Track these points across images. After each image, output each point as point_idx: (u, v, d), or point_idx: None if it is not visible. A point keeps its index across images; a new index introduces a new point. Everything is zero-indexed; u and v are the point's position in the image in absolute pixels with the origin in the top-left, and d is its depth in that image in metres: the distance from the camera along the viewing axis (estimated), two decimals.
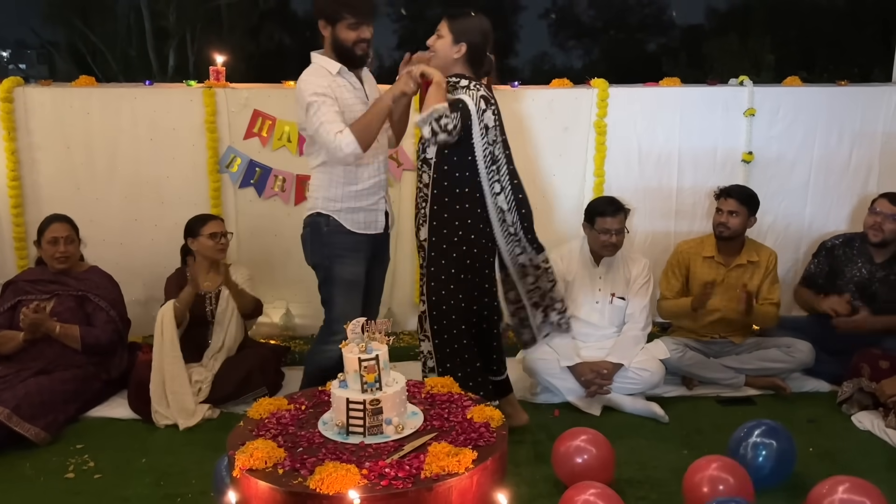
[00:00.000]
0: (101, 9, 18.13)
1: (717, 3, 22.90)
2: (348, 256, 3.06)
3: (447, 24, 3.00)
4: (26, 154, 4.08)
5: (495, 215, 3.03)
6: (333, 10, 2.93)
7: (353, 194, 3.02)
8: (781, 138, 4.44)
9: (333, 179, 3.00)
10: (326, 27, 2.96)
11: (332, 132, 2.83)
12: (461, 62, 3.01)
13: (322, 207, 3.02)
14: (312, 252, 3.09)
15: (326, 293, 3.11)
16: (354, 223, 3.05)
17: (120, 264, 3.96)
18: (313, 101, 2.86)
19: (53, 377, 3.41)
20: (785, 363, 3.73)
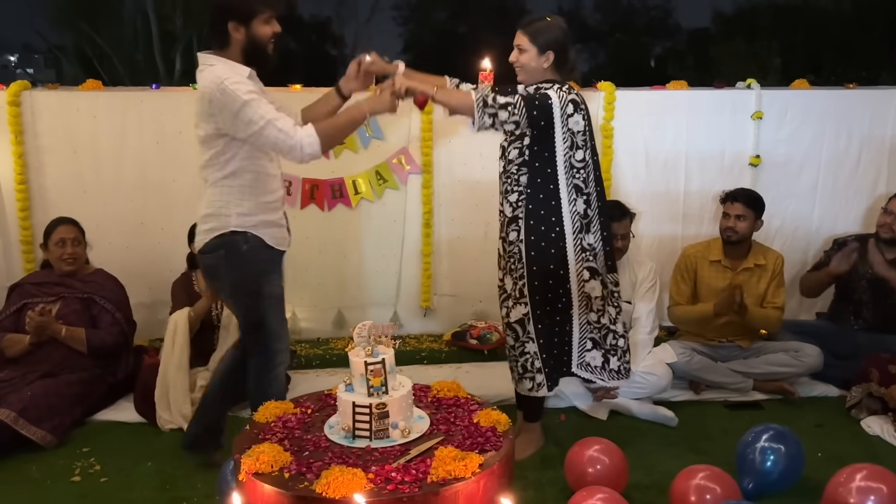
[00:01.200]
0: (108, 13, 18.19)
1: (724, 6, 22.83)
2: (273, 273, 2.80)
3: (527, 37, 2.88)
4: (33, 157, 4.08)
5: (570, 222, 2.91)
6: (247, 6, 2.63)
7: (265, 206, 2.72)
8: (789, 141, 4.42)
9: (244, 191, 2.68)
10: (239, 28, 2.63)
11: (287, 127, 2.57)
12: (551, 70, 2.91)
13: (237, 225, 2.67)
14: (232, 275, 2.72)
15: (256, 316, 2.77)
16: (272, 238, 2.75)
17: (126, 267, 3.96)
18: (250, 99, 2.54)
19: (59, 380, 3.42)
20: (793, 367, 3.71)
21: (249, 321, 2.80)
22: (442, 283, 4.48)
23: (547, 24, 2.91)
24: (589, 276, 2.95)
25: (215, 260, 2.72)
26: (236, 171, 2.67)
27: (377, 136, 4.19)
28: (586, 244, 2.94)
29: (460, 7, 25.61)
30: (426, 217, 4.35)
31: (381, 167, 4.31)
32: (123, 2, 18.91)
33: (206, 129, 2.66)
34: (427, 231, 4.37)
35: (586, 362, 3.07)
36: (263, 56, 2.71)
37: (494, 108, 2.76)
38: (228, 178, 2.68)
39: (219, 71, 2.60)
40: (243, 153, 2.66)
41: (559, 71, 2.93)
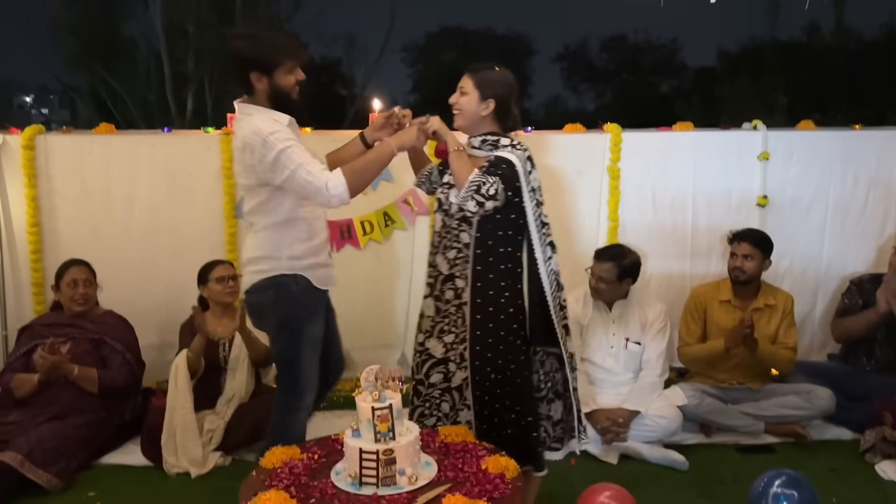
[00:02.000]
0: (122, 55, 18.53)
1: (729, 45, 23.05)
2: (317, 314, 2.86)
3: (472, 80, 2.79)
4: (46, 200, 4.14)
5: (549, 282, 2.77)
6: (269, 57, 2.66)
7: (313, 249, 2.80)
8: (796, 182, 4.43)
9: (294, 236, 2.75)
10: (261, 78, 2.67)
11: (316, 171, 2.59)
12: (489, 119, 2.80)
13: (287, 268, 2.75)
14: (278, 313, 2.80)
15: (292, 355, 2.83)
16: (318, 279, 2.82)
17: (135, 308, 3.98)
18: (286, 146, 2.58)
19: (67, 423, 3.41)
20: (805, 410, 3.67)
21: (285, 360, 2.88)
22: None
23: (494, 74, 2.81)
24: (566, 334, 2.83)
25: (263, 299, 2.80)
26: (286, 218, 2.73)
27: (385, 178, 4.23)
28: (563, 301, 2.84)
29: (468, 48, 25.96)
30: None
31: (389, 208, 4.34)
32: (137, 44, 19.29)
33: (248, 179, 2.72)
34: None
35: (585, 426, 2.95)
36: (289, 103, 2.74)
37: (484, 197, 2.63)
38: (278, 224, 2.74)
39: (258, 122, 2.64)
40: (289, 201, 2.71)
41: (499, 123, 2.82)
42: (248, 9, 18.93)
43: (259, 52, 2.67)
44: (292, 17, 21.39)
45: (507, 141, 2.77)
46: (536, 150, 4.30)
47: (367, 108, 4.31)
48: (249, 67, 2.67)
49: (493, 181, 2.64)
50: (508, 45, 26.02)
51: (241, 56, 2.70)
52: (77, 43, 18.14)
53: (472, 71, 2.82)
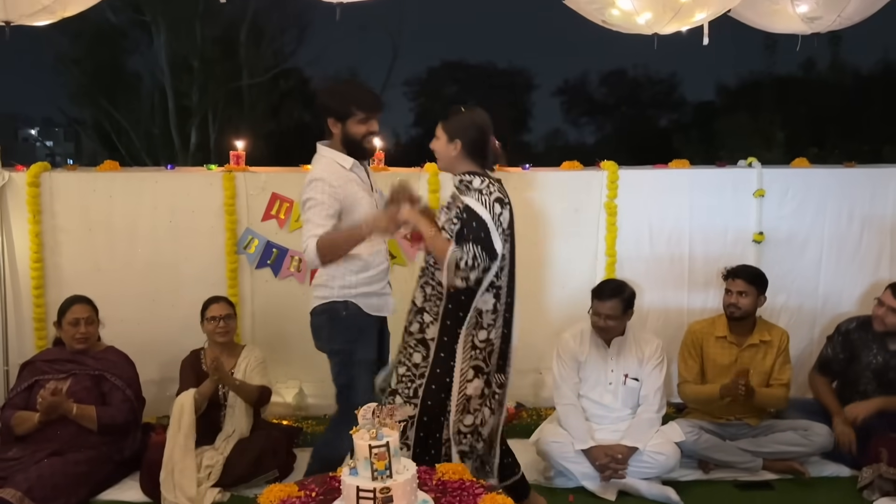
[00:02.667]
0: (127, 89, 18.68)
1: (728, 80, 23.24)
2: (367, 338, 3.12)
3: (441, 126, 2.97)
4: (49, 236, 4.18)
5: (470, 316, 2.85)
6: (344, 107, 3.04)
7: (366, 280, 3.09)
8: (791, 219, 4.48)
9: (347, 268, 3.06)
10: (336, 124, 3.06)
11: (307, 234, 2.94)
12: (462, 158, 2.93)
13: (338, 296, 3.07)
14: (331, 338, 3.11)
15: (347, 377, 3.11)
16: (369, 306, 3.11)
17: (136, 343, 4.00)
18: (314, 199, 2.96)
19: (66, 459, 3.42)
20: (803, 447, 3.68)
21: (340, 381, 3.13)
22: None
23: (458, 115, 2.95)
24: (473, 376, 2.88)
25: (320, 322, 3.13)
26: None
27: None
28: (478, 341, 2.88)
29: (469, 83, 26.22)
30: None
31: (390, 243, 4.37)
32: (142, 78, 19.49)
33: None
34: None
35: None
36: (359, 150, 3.11)
37: (465, 270, 2.72)
38: None
39: (319, 165, 3.07)
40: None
41: (474, 160, 2.94)
42: (253, 44, 19.16)
43: (334, 102, 3.08)
44: (296, 51, 21.65)
45: (478, 183, 2.88)
46: (534, 187, 4.41)
47: None
48: (327, 113, 3.08)
49: (467, 249, 2.73)
50: (509, 80, 26.25)
51: (321, 104, 3.14)
52: (82, 76, 18.31)
53: (441, 119, 3.00)
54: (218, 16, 18.08)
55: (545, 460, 3.68)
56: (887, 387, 3.77)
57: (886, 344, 3.79)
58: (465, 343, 2.88)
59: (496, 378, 2.98)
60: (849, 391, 3.91)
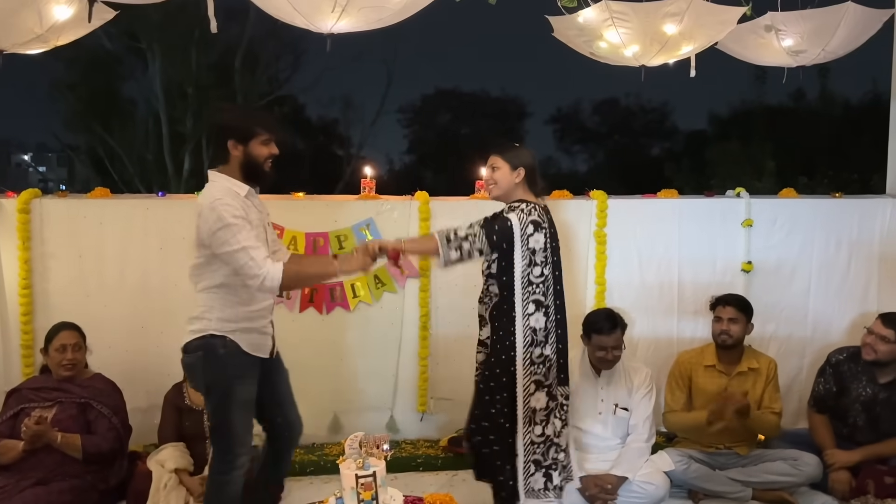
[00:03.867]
0: (121, 115, 18.74)
1: (720, 109, 23.47)
2: (247, 377, 2.94)
3: (500, 157, 3.24)
4: (39, 262, 4.17)
5: (522, 335, 3.10)
6: (246, 128, 2.88)
7: (247, 315, 2.91)
8: (780, 248, 4.51)
9: (229, 300, 2.87)
10: (237, 146, 2.87)
11: (259, 257, 2.74)
12: (522, 186, 3.24)
13: (216, 329, 2.86)
14: (207, 375, 2.91)
15: (222, 417, 2.92)
16: (249, 344, 2.92)
17: (124, 371, 3.98)
18: (233, 223, 2.74)
19: (51, 488, 3.37)
20: (792, 476, 3.67)
21: (216, 420, 2.96)
22: (439, 386, 4.48)
23: (517, 148, 3.29)
24: (535, 389, 3.12)
25: (193, 360, 2.91)
26: (223, 282, 2.86)
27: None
28: (535, 357, 3.11)
29: (463, 110, 26.42)
30: (423, 320, 4.40)
31: (379, 271, 4.38)
32: (136, 105, 19.57)
33: (196, 239, 2.87)
34: (424, 334, 4.41)
35: (531, 487, 3.15)
36: (260, 174, 2.94)
37: (458, 241, 3.05)
38: (215, 287, 2.87)
39: (215, 190, 2.84)
40: (227, 268, 2.82)
41: (530, 188, 3.25)
42: (248, 71, 19.28)
43: (237, 122, 2.91)
44: (290, 78, 21.81)
45: (524, 206, 3.16)
46: None
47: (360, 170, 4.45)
48: (228, 135, 2.88)
49: (465, 229, 3.06)
50: (502, 108, 26.49)
51: (221, 124, 2.96)
52: (77, 102, 18.37)
53: (498, 149, 3.26)
54: (213, 43, 18.22)
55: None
56: (875, 420, 3.77)
57: (875, 376, 3.79)
58: (524, 360, 3.10)
59: (560, 390, 3.21)
60: (838, 424, 3.89)
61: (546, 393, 3.12)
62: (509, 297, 3.12)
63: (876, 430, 3.76)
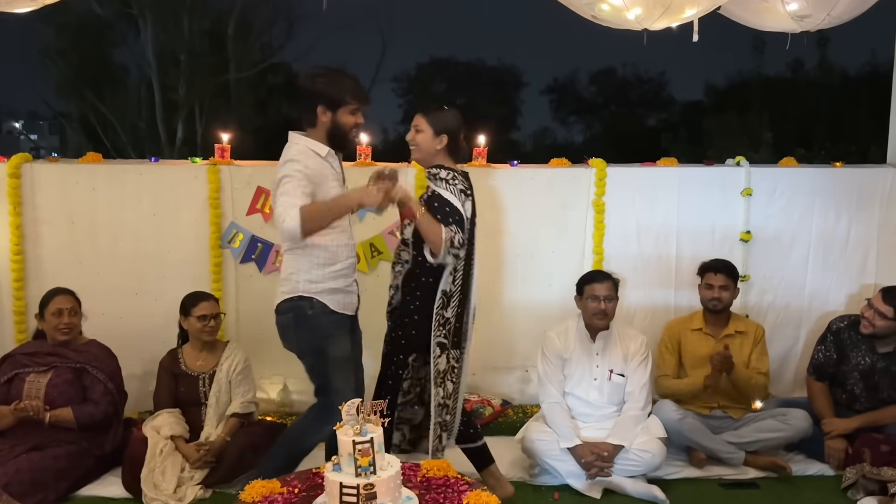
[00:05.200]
0: (113, 82, 18.55)
1: (717, 80, 23.29)
2: (338, 335, 3.01)
3: (426, 119, 3.17)
4: (31, 228, 4.13)
5: (438, 296, 3.11)
6: (337, 95, 2.94)
7: (332, 275, 2.98)
8: (779, 217, 4.48)
9: (314, 261, 2.95)
10: (326, 112, 2.95)
11: (288, 204, 2.77)
12: (443, 153, 3.18)
13: (304, 290, 2.94)
14: (300, 337, 3.00)
15: (322, 377, 3.02)
16: (336, 303, 3.00)
17: (119, 338, 3.95)
18: (290, 175, 2.82)
19: (46, 454, 3.37)
20: (782, 432, 3.71)
21: (316, 379, 3.06)
22: None
23: (444, 112, 3.20)
24: (440, 353, 3.15)
25: (285, 321, 3.00)
26: (305, 243, 2.90)
27: (372, 209, 4.26)
28: (442, 320, 3.13)
29: (458, 79, 26.19)
30: None
31: (375, 239, 4.35)
32: (128, 72, 19.36)
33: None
34: None
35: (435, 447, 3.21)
36: (345, 142, 3.04)
37: (456, 249, 3.05)
38: (299, 249, 2.94)
39: (295, 149, 2.92)
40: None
41: (451, 155, 3.20)
42: (240, 38, 19.05)
43: (331, 88, 2.95)
44: (284, 46, 21.56)
45: (445, 174, 3.13)
46: (522, 183, 4.39)
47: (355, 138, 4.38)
48: (318, 100, 2.94)
49: (456, 230, 3.03)
50: (498, 77, 26.25)
51: (313, 89, 2.97)
52: (68, 69, 18.16)
53: (424, 111, 3.19)
54: (205, 9, 18.03)
55: (530, 458, 3.67)
56: (873, 389, 3.77)
57: (875, 346, 3.79)
58: (436, 321, 3.12)
59: (453, 353, 3.21)
60: (836, 391, 3.91)
61: (446, 356, 3.16)
62: (426, 264, 3.10)
63: (874, 399, 3.78)
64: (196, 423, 3.65)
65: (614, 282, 3.72)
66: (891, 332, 3.72)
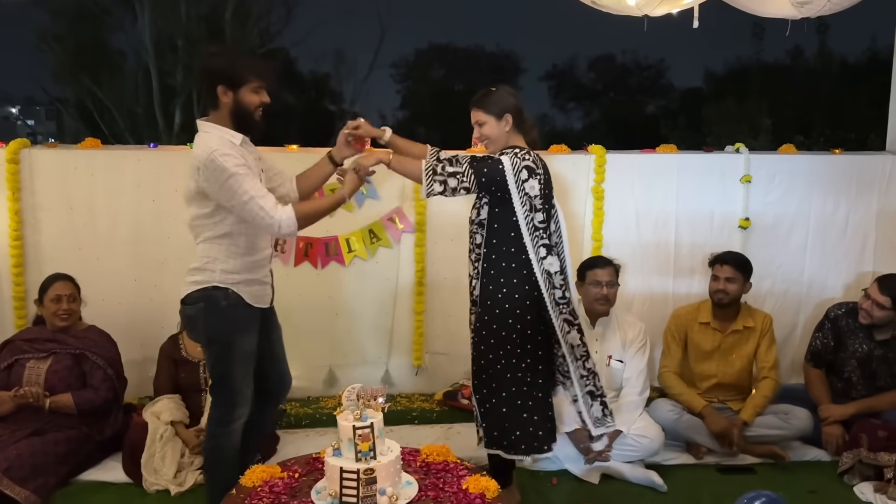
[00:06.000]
0: (110, 68, 18.46)
1: (716, 67, 23.24)
2: (248, 330, 2.91)
3: (482, 110, 3.04)
4: (29, 214, 4.11)
5: (542, 280, 2.98)
6: (238, 73, 2.76)
7: (250, 265, 2.86)
8: (778, 204, 4.48)
9: (233, 250, 2.82)
10: (227, 92, 2.76)
11: (268, 206, 2.69)
12: (513, 133, 3.05)
13: (219, 280, 2.80)
14: (209, 327, 2.86)
15: (224, 369, 2.89)
16: (251, 296, 2.88)
17: (118, 323, 3.96)
18: (237, 172, 2.66)
19: (46, 439, 3.39)
20: (783, 430, 3.71)
21: (217, 373, 2.92)
22: (434, 341, 4.48)
23: (495, 93, 3.06)
24: (568, 328, 3.04)
25: (195, 311, 2.85)
26: (227, 232, 2.79)
27: (371, 196, 4.26)
28: (559, 298, 3.02)
29: (457, 65, 26.08)
30: (419, 275, 4.38)
31: (374, 225, 4.35)
32: (126, 57, 19.25)
33: (194, 190, 2.78)
34: (420, 289, 4.39)
35: (595, 416, 3.15)
36: (250, 122, 2.82)
37: (444, 175, 2.91)
38: (218, 237, 2.81)
39: (211, 140, 2.71)
40: (232, 217, 2.76)
41: (520, 131, 3.07)
42: (238, 24, 18.97)
43: (228, 67, 2.77)
44: (282, 32, 21.47)
45: (517, 149, 2.98)
46: None
47: None
48: (217, 80, 2.76)
49: (452, 166, 2.92)
50: (497, 63, 26.13)
51: (211, 69, 2.81)
52: (64, 54, 18.07)
53: (476, 102, 3.05)
54: None
55: None
56: (870, 377, 3.79)
57: (872, 334, 3.80)
58: (550, 302, 2.99)
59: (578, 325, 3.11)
60: (833, 378, 3.93)
61: (577, 329, 3.07)
62: (511, 245, 2.98)
63: (871, 386, 3.79)
64: (196, 409, 3.66)
65: (616, 267, 3.73)
66: (889, 321, 3.73)
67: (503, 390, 3.04)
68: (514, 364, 3.02)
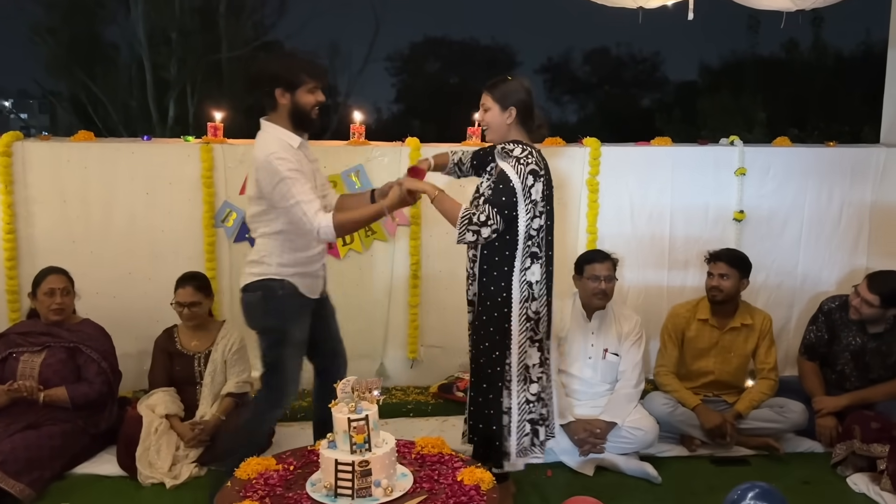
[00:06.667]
0: (104, 61, 18.38)
1: (711, 60, 23.28)
2: (301, 319, 3.05)
3: (489, 96, 3.00)
4: (22, 207, 4.10)
5: (519, 291, 2.95)
6: (293, 75, 2.90)
7: (303, 260, 3.01)
8: (772, 197, 4.49)
9: (287, 246, 2.96)
10: (285, 94, 2.90)
11: (311, 212, 2.81)
12: (515, 127, 3.00)
13: (275, 273, 2.96)
14: (266, 315, 3.00)
15: (275, 356, 3.02)
16: (305, 287, 3.03)
17: (112, 317, 3.94)
18: (289, 176, 2.81)
19: (41, 432, 3.38)
20: (778, 423, 3.72)
21: (269, 360, 3.04)
22: (429, 334, 4.48)
23: (508, 83, 3.01)
24: (529, 346, 3.01)
25: (253, 299, 3.01)
26: (281, 230, 2.94)
27: (366, 188, 4.26)
28: (531, 312, 2.98)
29: (452, 58, 26.05)
30: (414, 269, 4.37)
31: None
32: (119, 50, 19.17)
33: (253, 189, 2.98)
34: (414, 282, 4.39)
35: (523, 446, 3.06)
36: (308, 121, 2.97)
37: (477, 226, 2.84)
38: (273, 234, 2.96)
39: (270, 143, 2.88)
40: (285, 216, 2.90)
41: (524, 127, 3.02)
42: (232, 16, 18.88)
43: (285, 70, 2.92)
44: (276, 24, 21.42)
45: (518, 151, 2.93)
46: None
47: (349, 117, 4.40)
48: (275, 83, 2.90)
49: (483, 209, 2.84)
50: (492, 56, 26.11)
51: (268, 73, 2.96)
52: (58, 47, 17.98)
53: (487, 87, 3.02)
54: None
55: None
56: (863, 369, 3.80)
57: (866, 327, 3.80)
58: (520, 316, 2.97)
59: (547, 344, 3.10)
60: (826, 370, 3.93)
61: (538, 348, 3.03)
62: (503, 252, 2.94)
63: (864, 379, 3.80)
64: (191, 403, 3.66)
65: (614, 262, 3.73)
66: (878, 318, 3.74)
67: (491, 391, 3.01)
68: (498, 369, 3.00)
